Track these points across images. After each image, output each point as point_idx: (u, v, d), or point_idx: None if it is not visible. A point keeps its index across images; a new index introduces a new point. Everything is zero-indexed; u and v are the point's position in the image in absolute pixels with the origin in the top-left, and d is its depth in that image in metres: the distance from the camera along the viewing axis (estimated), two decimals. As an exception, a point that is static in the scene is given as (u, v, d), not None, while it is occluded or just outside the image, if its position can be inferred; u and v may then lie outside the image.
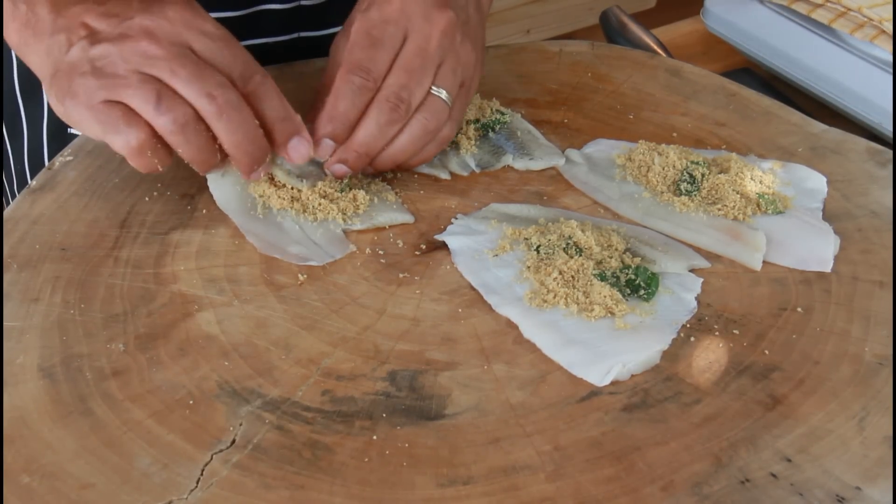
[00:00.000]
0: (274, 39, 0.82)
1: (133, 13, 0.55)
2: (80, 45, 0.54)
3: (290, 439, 0.47)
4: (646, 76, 0.80)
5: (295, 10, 0.82)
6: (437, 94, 0.61)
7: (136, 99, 0.53)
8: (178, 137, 0.54)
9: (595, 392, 0.51)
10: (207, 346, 0.53)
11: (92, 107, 0.54)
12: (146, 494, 0.44)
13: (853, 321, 0.55)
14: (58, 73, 0.55)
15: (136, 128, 0.54)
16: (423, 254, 0.60)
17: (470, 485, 0.45)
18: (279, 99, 0.57)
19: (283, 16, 0.81)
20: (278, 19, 0.81)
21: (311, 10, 0.82)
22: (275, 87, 0.57)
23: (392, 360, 0.52)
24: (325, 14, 0.83)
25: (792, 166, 0.67)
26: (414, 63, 0.60)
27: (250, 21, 0.80)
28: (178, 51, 0.54)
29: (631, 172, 0.66)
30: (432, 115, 0.61)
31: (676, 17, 1.11)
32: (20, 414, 0.48)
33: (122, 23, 0.54)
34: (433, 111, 0.61)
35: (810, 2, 0.92)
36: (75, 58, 0.54)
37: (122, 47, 0.53)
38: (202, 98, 0.53)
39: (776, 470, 0.46)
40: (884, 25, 0.86)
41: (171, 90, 0.53)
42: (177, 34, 0.54)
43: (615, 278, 0.56)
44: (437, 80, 0.61)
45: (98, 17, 0.55)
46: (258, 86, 0.56)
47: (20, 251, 0.58)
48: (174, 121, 0.53)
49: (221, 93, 0.54)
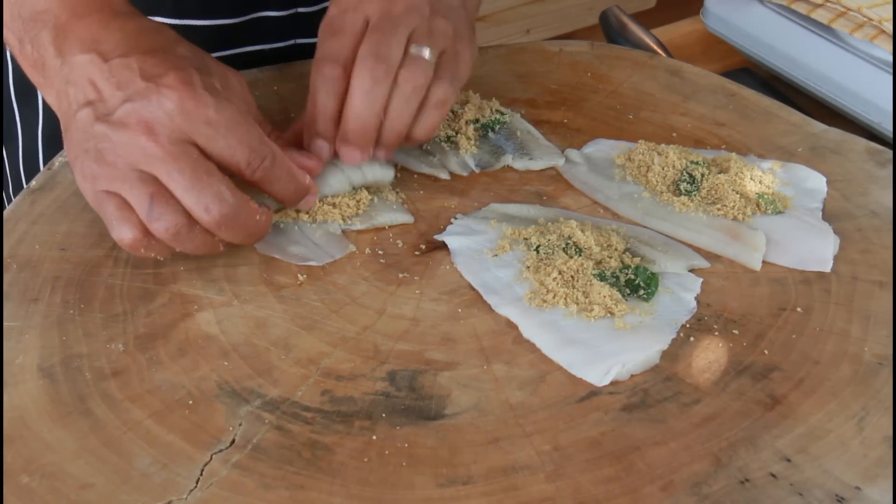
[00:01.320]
0: (271, 46, 0.82)
1: (133, 93, 0.52)
2: (86, 112, 0.53)
3: (289, 439, 0.47)
4: (645, 76, 0.80)
5: (292, 17, 0.81)
6: (416, 54, 0.59)
7: (132, 198, 0.52)
8: (173, 242, 0.53)
9: (595, 392, 0.51)
10: (207, 346, 0.53)
11: (94, 192, 0.53)
12: (146, 494, 0.44)
13: (853, 321, 0.55)
14: (68, 131, 0.55)
15: (129, 225, 0.53)
16: (423, 254, 0.60)
17: (469, 485, 0.45)
18: (288, 175, 0.56)
19: (281, 22, 0.81)
20: (276, 26, 0.81)
21: (308, 17, 0.82)
22: (283, 165, 0.56)
23: (392, 360, 0.52)
24: None
25: (792, 166, 0.67)
26: (382, 25, 0.58)
27: (248, 28, 0.80)
28: (178, 150, 0.51)
29: (630, 172, 0.66)
30: (416, 70, 0.58)
31: (676, 17, 1.11)
32: (20, 414, 0.48)
33: (123, 104, 0.52)
34: (416, 67, 0.58)
35: (810, 2, 0.92)
36: (81, 126, 0.53)
37: (121, 137, 0.51)
38: (199, 209, 0.52)
39: (776, 470, 0.46)
40: (883, 25, 0.86)
41: (167, 193, 0.52)
42: (177, 129, 0.52)
43: (615, 278, 0.56)
44: (412, 40, 0.59)
45: (104, 77, 0.53)
46: (267, 170, 0.55)
47: (20, 251, 0.58)
48: (166, 229, 0.52)
49: (218, 206, 0.52)
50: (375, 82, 0.58)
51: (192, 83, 0.52)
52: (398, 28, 0.58)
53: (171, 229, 0.52)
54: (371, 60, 0.57)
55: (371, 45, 0.58)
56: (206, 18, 0.78)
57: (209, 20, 0.78)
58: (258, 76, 0.77)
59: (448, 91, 0.61)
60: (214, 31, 0.79)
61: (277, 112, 0.73)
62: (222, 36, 0.79)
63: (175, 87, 0.52)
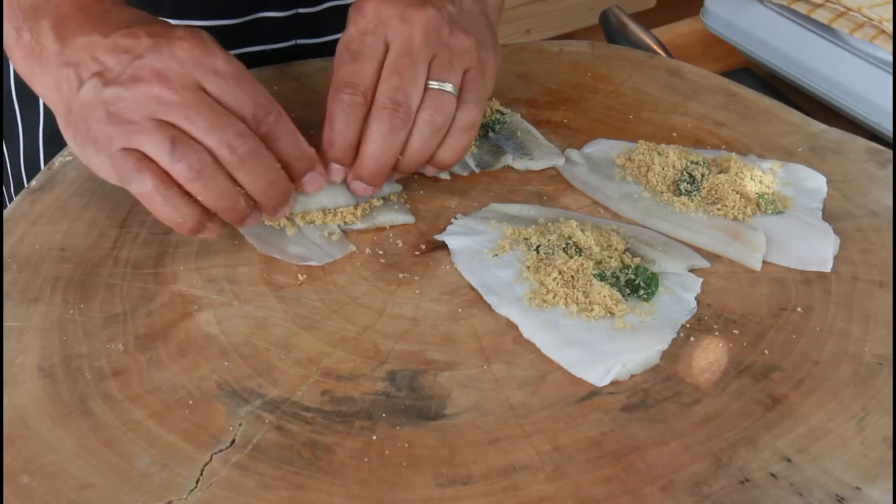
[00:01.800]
0: (271, 47, 0.82)
1: (142, 50, 0.52)
2: (92, 83, 0.52)
3: (289, 439, 0.47)
4: (645, 76, 0.80)
5: (293, 18, 0.81)
6: (437, 88, 0.58)
7: (151, 146, 0.51)
8: (195, 184, 0.52)
9: (595, 392, 0.51)
10: (207, 346, 0.53)
11: (111, 155, 0.52)
12: (146, 494, 0.44)
13: (853, 321, 0.55)
14: (71, 113, 0.54)
15: (149, 174, 0.52)
16: (423, 254, 0.60)
17: (469, 485, 0.45)
18: (294, 136, 0.56)
19: (281, 23, 0.81)
20: (276, 27, 0.81)
21: (308, 18, 0.82)
22: (289, 125, 0.56)
23: (392, 360, 0.52)
24: (323, 22, 0.83)
25: (792, 166, 0.67)
26: (401, 64, 0.58)
27: (248, 28, 0.80)
28: (193, 96, 0.52)
29: (631, 172, 0.66)
30: (437, 109, 0.58)
31: (676, 17, 1.11)
32: (20, 414, 0.48)
33: (133, 61, 0.52)
34: (437, 105, 0.58)
35: (810, 2, 0.92)
36: (88, 98, 0.53)
37: (135, 91, 0.52)
38: (222, 148, 0.52)
39: (776, 470, 0.46)
40: (884, 25, 0.86)
41: (186, 135, 0.52)
42: (188, 75, 0.52)
43: (615, 278, 0.56)
44: (432, 75, 0.58)
45: (107, 51, 0.53)
46: (273, 125, 0.55)
47: (20, 251, 0.58)
48: (189, 167, 0.51)
49: (241, 142, 0.52)
50: (394, 129, 0.58)
51: (202, 37, 0.53)
52: (417, 64, 0.58)
53: (193, 166, 0.51)
54: (391, 105, 0.57)
55: (391, 84, 0.57)
56: (205, 19, 0.78)
57: (209, 21, 0.78)
58: (258, 76, 0.77)
59: (474, 114, 0.61)
60: (214, 32, 0.79)
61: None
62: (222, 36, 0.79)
63: (185, 38, 0.53)
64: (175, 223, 0.53)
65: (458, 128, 0.60)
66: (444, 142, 0.60)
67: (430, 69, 0.59)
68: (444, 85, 0.59)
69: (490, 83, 0.63)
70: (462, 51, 0.60)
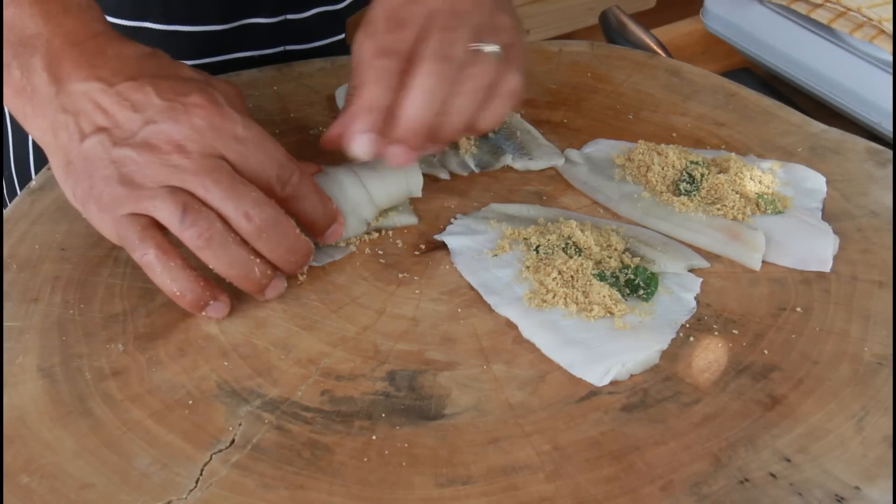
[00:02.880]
0: (260, 53, 0.82)
1: (154, 113, 0.50)
2: (99, 139, 0.51)
3: (289, 439, 0.48)
4: (645, 76, 0.80)
5: (281, 24, 0.81)
6: (485, 50, 0.55)
7: (162, 212, 0.50)
8: (206, 252, 0.51)
9: (594, 392, 0.51)
10: (207, 346, 0.53)
11: (116, 218, 0.51)
12: (145, 494, 0.44)
13: (852, 321, 0.55)
14: (71, 165, 0.52)
15: (154, 242, 0.51)
16: (423, 254, 0.60)
17: (469, 485, 0.45)
18: (317, 195, 0.55)
19: (269, 29, 0.81)
20: (264, 33, 0.81)
21: (296, 24, 0.82)
22: (312, 183, 0.55)
23: (391, 360, 0.52)
24: (311, 27, 0.83)
25: (791, 166, 0.67)
26: (447, 23, 0.55)
27: (236, 34, 0.80)
28: (211, 164, 0.50)
29: (630, 172, 0.66)
30: (484, 68, 0.55)
31: (676, 17, 1.11)
32: (20, 414, 0.48)
33: (146, 125, 0.50)
34: (483, 63, 0.55)
35: (810, 2, 0.92)
36: (93, 154, 0.51)
37: (149, 158, 0.50)
38: (240, 217, 0.50)
39: (775, 470, 0.46)
40: (883, 25, 0.86)
41: (198, 202, 0.50)
42: (208, 145, 0.50)
43: (614, 278, 0.56)
44: (478, 38, 0.56)
45: (112, 103, 0.51)
46: (295, 188, 0.53)
47: (20, 251, 0.58)
48: (199, 234, 0.50)
49: (259, 211, 0.51)
50: (440, 81, 0.54)
51: (218, 102, 0.52)
52: (463, 25, 0.55)
53: (204, 234, 0.50)
54: (437, 58, 0.54)
55: (436, 42, 0.54)
56: (193, 24, 0.78)
57: (197, 26, 0.78)
58: (258, 76, 0.77)
59: (518, 80, 0.58)
60: (202, 38, 0.79)
61: (277, 112, 0.73)
62: (210, 42, 0.79)
63: (203, 106, 0.51)
64: (175, 297, 0.52)
65: (502, 91, 0.57)
66: (487, 106, 0.57)
67: (475, 32, 0.56)
68: (490, 47, 0.56)
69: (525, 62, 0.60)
70: (504, 28, 0.58)
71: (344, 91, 0.74)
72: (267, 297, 0.55)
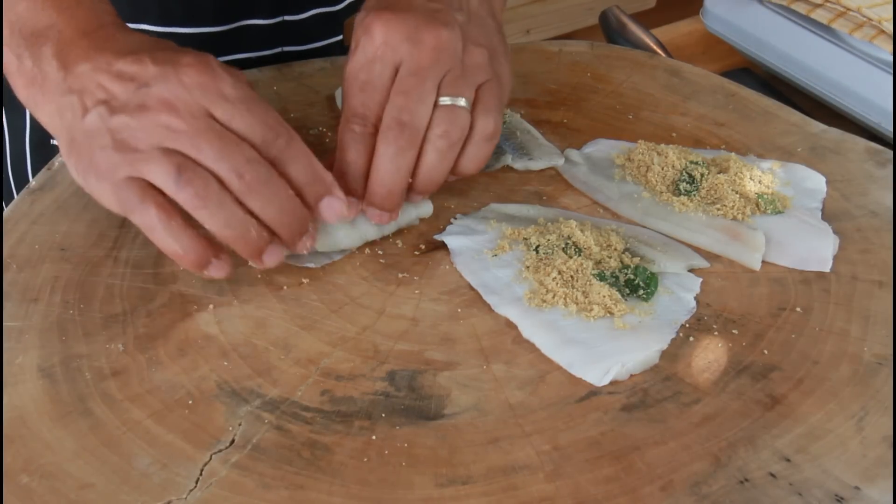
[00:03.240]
0: (258, 54, 0.82)
1: (148, 78, 0.51)
2: (98, 111, 0.51)
3: (289, 439, 0.48)
4: (645, 76, 0.80)
5: (278, 25, 0.81)
6: (449, 104, 0.56)
7: (157, 174, 0.50)
8: (201, 212, 0.50)
9: (594, 392, 0.51)
10: (207, 346, 0.53)
11: (115, 183, 0.51)
12: (145, 494, 0.44)
13: (852, 321, 0.55)
14: (74, 141, 0.52)
15: (153, 203, 0.50)
16: (423, 254, 0.60)
17: (469, 485, 0.45)
18: (306, 159, 0.54)
19: (267, 30, 0.81)
20: (262, 34, 0.81)
21: (294, 25, 0.82)
22: (301, 147, 0.54)
23: (391, 359, 0.52)
24: (309, 28, 0.83)
25: (791, 166, 0.67)
26: (407, 84, 0.56)
27: (234, 36, 0.80)
28: (201, 123, 0.50)
29: (630, 172, 0.66)
30: (450, 124, 0.56)
31: (676, 17, 1.11)
32: (20, 414, 0.48)
33: (139, 89, 0.51)
34: (450, 120, 0.56)
35: (810, 2, 0.92)
36: (93, 126, 0.51)
37: (142, 120, 0.50)
38: (231, 175, 0.51)
39: (775, 470, 0.46)
40: (883, 25, 0.86)
41: (192, 162, 0.50)
42: (196, 103, 0.51)
43: (614, 278, 0.56)
44: (443, 91, 0.56)
45: (113, 78, 0.52)
46: (283, 149, 0.53)
47: (20, 251, 0.58)
48: (196, 194, 0.50)
49: (250, 168, 0.51)
50: (401, 149, 0.56)
51: (210, 63, 0.52)
52: (425, 82, 0.56)
53: (199, 193, 0.50)
54: (396, 126, 0.55)
55: (395, 108, 0.56)
56: (191, 26, 0.78)
57: (194, 28, 0.78)
58: (258, 76, 0.77)
59: (493, 123, 0.58)
60: (200, 40, 0.79)
61: (277, 112, 0.73)
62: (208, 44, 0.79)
63: (192, 65, 0.51)
64: (177, 255, 0.52)
65: (477, 138, 0.58)
66: (465, 152, 0.58)
67: (441, 86, 0.56)
68: (457, 100, 0.56)
69: (506, 91, 0.61)
70: (476, 66, 0.58)
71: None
72: (265, 264, 0.54)
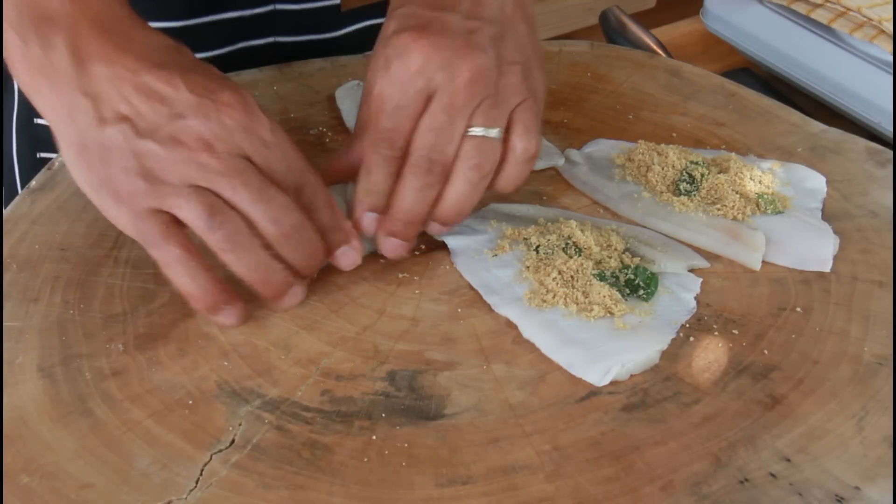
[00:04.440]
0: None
1: (184, 109, 0.49)
2: (121, 129, 0.49)
3: (289, 439, 0.48)
4: (645, 76, 0.80)
5: (270, 15, 0.80)
6: (481, 135, 0.55)
7: (188, 212, 0.49)
8: (229, 255, 0.50)
9: (594, 392, 0.51)
10: (207, 346, 0.53)
11: (136, 212, 0.50)
12: (145, 494, 0.44)
13: (852, 321, 0.55)
14: (86, 149, 0.50)
15: (175, 242, 0.50)
16: (423, 254, 0.60)
17: (469, 485, 0.45)
18: (331, 207, 0.54)
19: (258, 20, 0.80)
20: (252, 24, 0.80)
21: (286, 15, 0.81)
22: (327, 194, 0.54)
23: (391, 360, 0.52)
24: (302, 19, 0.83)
25: (791, 166, 0.67)
26: (438, 120, 0.54)
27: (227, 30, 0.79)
28: (238, 165, 0.50)
29: (630, 172, 0.66)
30: (481, 156, 0.55)
31: (676, 17, 1.11)
32: (20, 414, 0.48)
33: (174, 120, 0.49)
34: (480, 153, 0.55)
35: (810, 2, 0.92)
36: (114, 143, 0.49)
37: (175, 154, 0.49)
38: (267, 222, 0.50)
39: (775, 470, 0.46)
40: (883, 25, 0.86)
41: (223, 203, 0.50)
42: (235, 144, 0.50)
43: (614, 278, 0.56)
44: (476, 120, 0.55)
45: (137, 92, 0.50)
46: (312, 197, 0.53)
47: (20, 251, 0.58)
48: (227, 237, 0.49)
49: (286, 216, 0.51)
50: (427, 185, 0.55)
51: (249, 103, 0.51)
52: (456, 119, 0.54)
53: (230, 236, 0.49)
54: (425, 164, 0.54)
55: (426, 142, 0.54)
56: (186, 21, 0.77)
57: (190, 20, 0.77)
58: (258, 76, 0.77)
59: (536, 141, 0.57)
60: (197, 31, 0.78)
61: (277, 112, 0.73)
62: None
63: (233, 105, 0.50)
64: (190, 296, 0.51)
65: (520, 159, 0.57)
66: (503, 172, 0.57)
67: (474, 115, 0.55)
68: (490, 131, 0.55)
69: (541, 105, 0.59)
70: (511, 88, 0.56)
71: (344, 91, 0.74)
72: (285, 305, 0.54)
